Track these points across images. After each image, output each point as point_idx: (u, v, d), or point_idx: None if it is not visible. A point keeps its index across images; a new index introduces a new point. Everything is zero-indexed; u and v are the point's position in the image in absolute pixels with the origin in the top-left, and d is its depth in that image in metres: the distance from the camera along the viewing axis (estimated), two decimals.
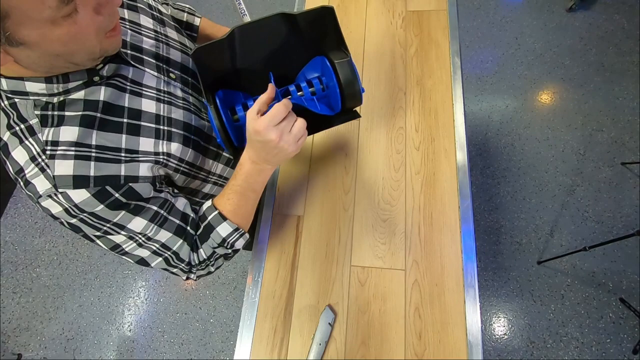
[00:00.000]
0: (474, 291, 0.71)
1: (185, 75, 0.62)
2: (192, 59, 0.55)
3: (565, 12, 2.04)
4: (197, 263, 0.61)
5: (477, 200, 1.71)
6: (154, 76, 0.56)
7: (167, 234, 0.55)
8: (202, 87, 0.57)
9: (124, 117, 0.50)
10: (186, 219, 0.58)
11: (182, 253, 0.58)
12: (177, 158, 0.57)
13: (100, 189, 0.46)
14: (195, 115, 0.61)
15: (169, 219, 0.56)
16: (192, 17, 0.83)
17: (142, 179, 0.50)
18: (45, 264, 1.87)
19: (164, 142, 0.54)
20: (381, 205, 0.81)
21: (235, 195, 0.58)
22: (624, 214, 1.59)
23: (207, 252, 0.60)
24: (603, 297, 1.48)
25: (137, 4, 0.60)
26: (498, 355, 1.45)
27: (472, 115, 1.88)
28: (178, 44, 0.63)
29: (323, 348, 0.69)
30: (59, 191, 0.44)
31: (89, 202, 0.45)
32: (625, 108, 1.78)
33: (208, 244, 0.60)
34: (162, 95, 0.56)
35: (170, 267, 0.59)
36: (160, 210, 0.54)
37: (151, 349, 1.64)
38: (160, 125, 0.54)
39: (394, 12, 1.01)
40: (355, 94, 0.62)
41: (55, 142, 0.44)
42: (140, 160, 0.51)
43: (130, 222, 0.51)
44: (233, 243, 0.61)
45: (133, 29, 0.56)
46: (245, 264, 1.76)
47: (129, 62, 0.52)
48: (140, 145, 0.51)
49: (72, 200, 0.44)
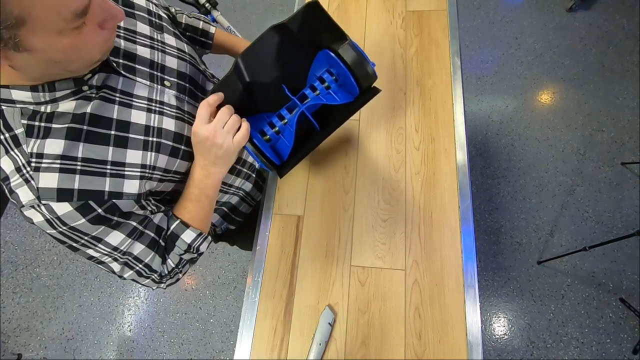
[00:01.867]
0: (474, 291, 0.71)
1: (182, 81, 0.61)
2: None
3: (565, 12, 2.04)
4: (167, 273, 0.62)
5: (477, 200, 1.71)
6: (146, 85, 0.55)
7: (140, 247, 0.56)
8: None
9: (111, 129, 0.50)
10: (160, 232, 0.59)
11: (153, 265, 0.59)
12: (162, 169, 0.57)
13: (83, 203, 0.46)
14: (189, 125, 0.61)
15: (145, 233, 0.57)
16: (208, 25, 0.85)
17: (127, 196, 0.50)
18: (45, 264, 1.87)
19: (152, 153, 0.54)
20: (381, 205, 0.81)
21: (191, 203, 0.60)
22: (624, 214, 1.59)
23: (174, 260, 0.62)
24: (603, 297, 1.48)
25: (134, 12, 0.59)
26: (498, 355, 1.45)
27: (472, 115, 1.88)
28: (175, 50, 0.62)
29: (323, 348, 0.69)
30: (42, 203, 0.44)
31: (71, 215, 0.46)
32: (625, 108, 1.78)
33: (174, 252, 0.61)
34: (153, 105, 0.55)
35: (141, 278, 0.60)
36: (139, 226, 0.55)
37: (151, 349, 1.64)
38: (150, 137, 0.54)
39: (394, 12, 1.01)
40: (367, 72, 0.63)
41: (40, 155, 0.44)
42: (125, 175, 0.50)
43: (108, 235, 0.51)
44: (198, 247, 0.63)
45: (127, 36, 0.55)
46: (245, 264, 1.76)
47: (119, 72, 0.52)
48: (127, 158, 0.51)
49: (54, 212, 0.45)
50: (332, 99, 0.65)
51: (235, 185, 0.81)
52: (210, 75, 0.75)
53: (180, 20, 0.82)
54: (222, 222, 0.88)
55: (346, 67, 0.62)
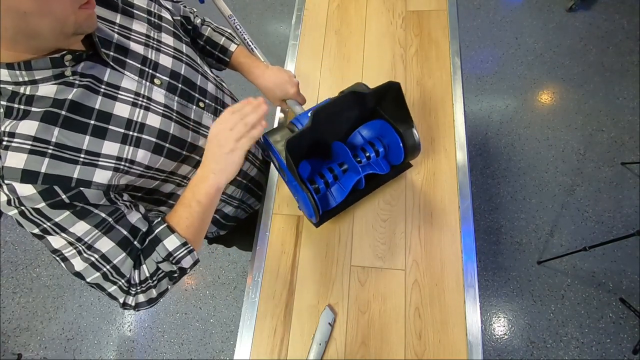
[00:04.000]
0: (474, 291, 0.71)
1: (175, 81, 0.61)
2: (285, 150, 0.60)
3: (565, 12, 2.04)
4: (137, 282, 0.55)
5: (477, 200, 1.71)
6: (134, 80, 0.55)
7: (109, 244, 0.52)
8: (296, 172, 0.62)
9: (91, 118, 0.50)
10: (135, 233, 0.55)
11: (123, 267, 0.54)
12: (144, 165, 0.56)
13: (47, 187, 0.45)
14: (176, 124, 0.60)
15: (116, 228, 0.53)
16: (229, 42, 0.83)
17: (95, 186, 0.49)
18: (45, 264, 1.87)
19: (130, 148, 0.53)
20: (381, 205, 0.81)
21: (180, 207, 0.56)
22: (624, 214, 1.59)
23: (150, 267, 0.56)
24: (603, 297, 1.48)
25: (133, 11, 0.60)
26: (498, 355, 1.45)
27: (472, 115, 1.88)
28: (172, 50, 0.62)
29: (323, 348, 0.69)
30: (4, 182, 0.44)
31: (32, 197, 0.45)
32: (625, 108, 1.78)
33: (152, 258, 0.55)
34: (140, 99, 0.55)
35: (107, 282, 0.54)
36: (108, 218, 0.52)
37: (151, 349, 1.64)
38: (130, 131, 0.53)
39: (394, 12, 1.01)
40: (415, 155, 0.73)
41: (12, 134, 0.44)
42: (98, 165, 0.50)
43: (73, 225, 0.49)
44: (180, 259, 0.56)
45: (122, 32, 0.56)
46: (245, 264, 1.76)
47: (107, 63, 0.52)
48: (103, 149, 0.51)
49: (15, 192, 0.44)
50: (380, 168, 0.74)
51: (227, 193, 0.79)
52: (214, 77, 0.74)
53: (204, 33, 0.81)
54: (212, 226, 0.86)
55: (403, 146, 0.70)
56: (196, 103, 0.65)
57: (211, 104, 0.69)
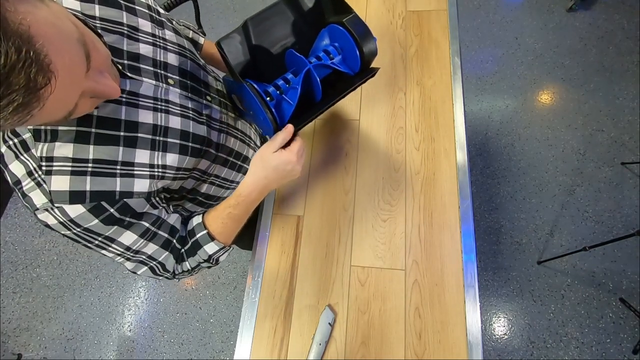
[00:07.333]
0: (474, 291, 0.71)
1: (184, 79, 0.61)
2: (217, 48, 0.61)
3: (565, 12, 2.04)
4: (180, 272, 0.65)
5: (477, 200, 1.71)
6: (152, 84, 0.55)
7: (154, 247, 0.58)
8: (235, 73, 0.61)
9: (120, 130, 0.50)
10: (174, 233, 0.61)
11: (167, 264, 0.62)
12: (175, 168, 0.57)
13: (95, 204, 0.47)
14: (193, 121, 0.61)
15: (158, 234, 0.58)
16: (197, 35, 0.84)
17: (137, 195, 0.51)
18: (45, 264, 1.87)
19: (159, 153, 0.54)
20: (381, 205, 0.81)
21: (229, 219, 0.64)
22: (624, 214, 1.59)
23: (192, 264, 0.65)
24: (603, 297, 1.48)
25: (135, 7, 0.58)
26: (498, 355, 1.45)
27: (472, 115, 1.88)
28: (176, 47, 0.62)
29: (323, 348, 0.69)
30: (55, 206, 0.45)
31: (84, 216, 0.46)
32: (625, 108, 1.78)
33: (194, 258, 0.64)
34: (159, 104, 0.55)
35: (156, 275, 0.63)
36: (152, 227, 0.56)
37: (151, 349, 1.64)
38: (157, 136, 0.54)
39: (394, 12, 1.01)
40: (371, 45, 0.66)
41: (50, 158, 0.45)
42: (135, 174, 0.51)
43: (121, 235, 0.52)
44: (218, 259, 0.66)
45: (131, 34, 0.55)
46: (245, 264, 1.76)
47: (125, 75, 0.51)
48: (137, 158, 0.51)
49: (68, 214, 0.45)
50: (345, 67, 0.68)
51: (236, 181, 0.80)
52: (211, 70, 0.74)
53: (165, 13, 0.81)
54: None
55: (352, 38, 0.65)
56: (204, 97, 0.65)
57: (215, 97, 0.70)
